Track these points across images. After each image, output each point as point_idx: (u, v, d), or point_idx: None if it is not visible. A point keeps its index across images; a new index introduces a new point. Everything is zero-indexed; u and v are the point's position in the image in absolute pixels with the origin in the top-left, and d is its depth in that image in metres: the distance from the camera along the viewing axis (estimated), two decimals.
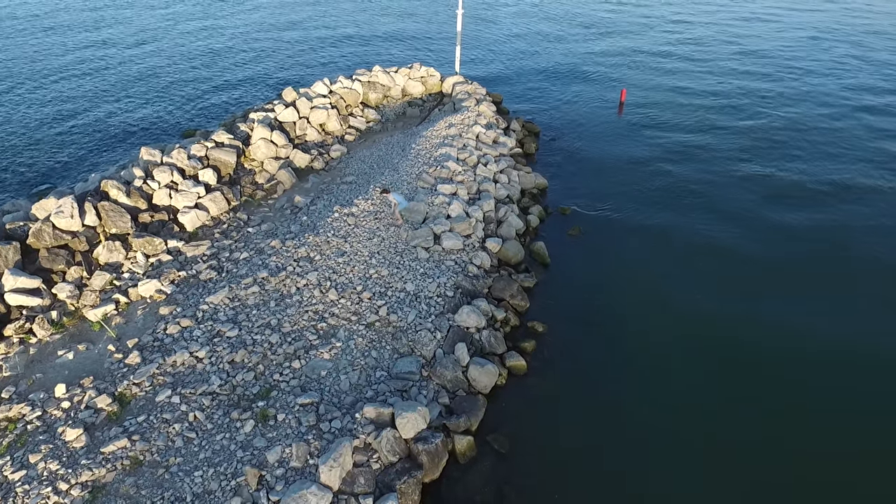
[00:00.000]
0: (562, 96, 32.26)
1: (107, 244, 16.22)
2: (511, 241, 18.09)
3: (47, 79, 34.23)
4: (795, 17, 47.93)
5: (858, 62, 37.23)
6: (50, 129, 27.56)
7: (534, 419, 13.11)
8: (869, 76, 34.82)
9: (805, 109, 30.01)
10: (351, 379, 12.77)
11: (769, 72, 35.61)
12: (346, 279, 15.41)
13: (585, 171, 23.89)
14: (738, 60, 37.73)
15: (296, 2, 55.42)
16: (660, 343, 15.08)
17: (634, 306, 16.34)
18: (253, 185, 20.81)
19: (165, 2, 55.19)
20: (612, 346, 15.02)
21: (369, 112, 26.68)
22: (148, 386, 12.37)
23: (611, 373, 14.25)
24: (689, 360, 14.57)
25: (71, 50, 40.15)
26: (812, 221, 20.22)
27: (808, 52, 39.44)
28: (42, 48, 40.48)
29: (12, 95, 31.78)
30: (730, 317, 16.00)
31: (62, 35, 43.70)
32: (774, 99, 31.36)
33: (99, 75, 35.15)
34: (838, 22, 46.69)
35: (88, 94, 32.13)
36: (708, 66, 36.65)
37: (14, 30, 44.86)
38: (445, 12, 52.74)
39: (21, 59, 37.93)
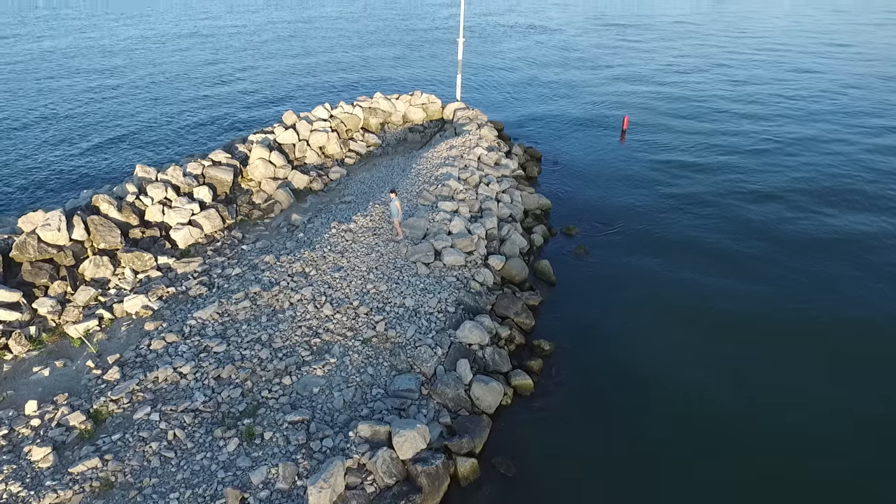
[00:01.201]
0: (563, 124, 32.24)
1: (94, 259, 15.57)
2: (515, 258, 17.43)
3: (55, 100, 34.38)
4: (793, 50, 48.69)
5: (856, 91, 37.43)
6: (50, 152, 27.36)
7: (541, 442, 12.13)
8: (871, 109, 34.91)
9: (806, 134, 29.88)
10: (345, 396, 11.87)
11: (767, 101, 35.75)
12: (342, 294, 14.67)
13: (589, 194, 23.46)
14: (737, 90, 37.97)
15: (299, 33, 56.70)
16: (672, 364, 14.22)
17: (644, 327, 15.55)
18: (249, 205, 20.32)
19: (173, 33, 56.43)
20: (623, 367, 14.14)
21: (370, 136, 26.50)
22: (126, 402, 11.47)
23: (621, 395, 13.34)
24: (703, 382, 13.67)
25: (78, 74, 40.58)
26: (820, 240, 19.60)
27: (808, 83, 39.75)
28: (53, 73, 40.94)
29: (12, 120, 31.79)
30: (736, 331, 15.24)
31: (72, 61, 44.35)
32: (775, 127, 31.29)
33: (102, 102, 35.33)
34: (835, 52, 47.39)
35: (89, 120, 32.16)
36: (708, 95, 36.84)
37: (27, 61, 45.56)
38: (446, 41, 53.80)
39: (29, 82, 38.28)
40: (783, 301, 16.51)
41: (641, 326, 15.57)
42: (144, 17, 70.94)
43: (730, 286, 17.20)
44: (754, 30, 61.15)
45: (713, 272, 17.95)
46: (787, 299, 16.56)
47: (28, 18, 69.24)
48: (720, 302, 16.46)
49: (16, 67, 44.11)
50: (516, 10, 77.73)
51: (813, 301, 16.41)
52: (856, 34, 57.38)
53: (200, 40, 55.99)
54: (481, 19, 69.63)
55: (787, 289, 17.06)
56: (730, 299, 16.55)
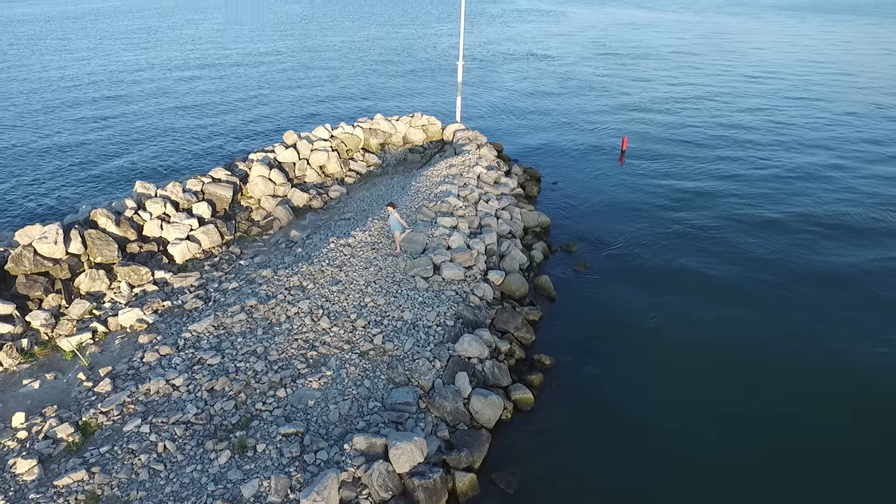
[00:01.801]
0: (563, 146, 32.47)
1: (90, 272, 15.44)
2: (514, 273, 17.29)
3: (60, 121, 34.73)
4: (791, 78, 49.36)
5: (855, 119, 37.79)
6: (53, 171, 27.50)
7: (543, 457, 11.79)
8: (875, 130, 35.19)
9: (805, 159, 30.03)
10: (341, 409, 11.58)
11: (764, 127, 36.07)
12: (339, 307, 14.48)
13: (589, 213, 23.44)
14: (734, 116, 38.35)
15: (303, 60, 57.65)
16: (675, 381, 13.93)
17: (646, 343, 15.31)
18: (248, 222, 20.27)
19: (179, 59, 57.41)
20: (625, 383, 13.86)
21: (370, 157, 26.64)
22: (116, 415, 11.19)
23: (623, 411, 13.03)
24: (705, 397, 13.37)
25: (84, 97, 41.11)
26: (820, 267, 19.36)
27: (807, 111, 40.18)
28: (59, 96, 41.48)
29: (17, 139, 32.06)
30: (737, 350, 14.99)
31: (78, 85, 44.99)
32: (773, 147, 31.49)
33: (106, 122, 35.69)
34: (836, 77, 48.02)
35: (91, 139, 32.44)
36: (706, 121, 37.19)
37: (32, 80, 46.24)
38: (447, 68, 54.62)
39: (37, 103, 38.74)
40: (781, 324, 16.25)
41: (643, 342, 15.33)
42: (151, 45, 72.37)
43: (729, 305, 16.96)
44: (752, 59, 62.21)
45: (713, 291, 17.73)
46: (785, 322, 16.26)
47: (38, 46, 70.61)
48: (721, 321, 16.21)
49: (24, 89, 44.77)
50: (515, 39, 79.22)
51: (811, 328, 16.09)
52: (856, 64, 58.30)
53: (205, 67, 56.94)
54: (481, 47, 70.92)
55: (785, 312, 16.77)
56: (729, 319, 16.28)
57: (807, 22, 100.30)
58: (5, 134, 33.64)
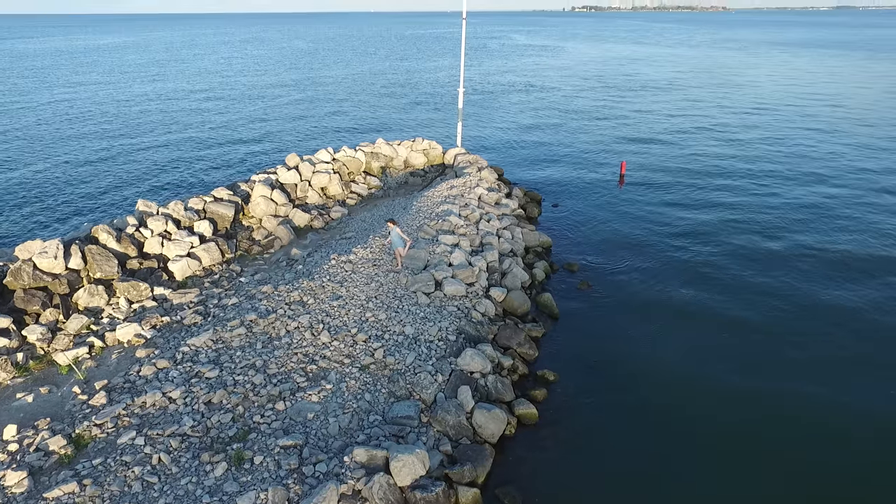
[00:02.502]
0: (562, 170, 32.75)
1: (89, 288, 15.32)
2: (516, 290, 17.16)
3: (66, 144, 35.10)
4: (788, 109, 50.10)
5: (858, 146, 38.18)
6: (58, 191, 27.65)
7: (548, 474, 11.44)
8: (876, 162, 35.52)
9: (803, 188, 30.21)
10: (341, 422, 11.31)
11: (761, 154, 36.41)
12: (340, 322, 14.32)
13: (591, 234, 23.43)
14: (732, 143, 38.77)
15: (307, 90, 58.71)
16: (681, 398, 13.62)
17: (652, 360, 15.04)
18: (249, 241, 20.25)
19: (187, 89, 58.42)
20: (630, 401, 13.55)
21: (371, 179, 26.82)
22: (111, 427, 10.92)
23: (629, 428, 12.69)
24: (712, 416, 13.05)
25: (92, 124, 41.66)
26: (809, 289, 19.19)
27: (805, 140, 40.63)
28: (69, 123, 42.05)
29: (24, 158, 32.33)
30: (739, 373, 14.72)
31: (88, 112, 45.66)
32: (770, 174, 31.71)
33: (113, 148, 36.08)
34: (832, 108, 48.72)
35: (99, 162, 32.72)
36: (704, 148, 37.58)
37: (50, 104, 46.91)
38: (448, 98, 55.51)
39: (47, 129, 39.23)
40: (784, 339, 16.06)
41: (648, 360, 15.06)
42: (159, 77, 73.85)
43: (729, 328, 16.65)
44: (748, 90, 63.31)
45: (716, 314, 17.42)
46: (785, 347, 16.04)
47: (48, 77, 72.09)
48: (723, 345, 15.86)
49: (33, 116, 45.46)
50: (514, 72, 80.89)
51: (812, 355, 15.83)
52: (850, 95, 59.27)
53: (211, 97, 57.99)
54: (482, 78, 72.36)
55: (783, 334, 16.54)
56: (730, 343, 15.91)
57: (800, 56, 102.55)
58: (13, 157, 33.99)
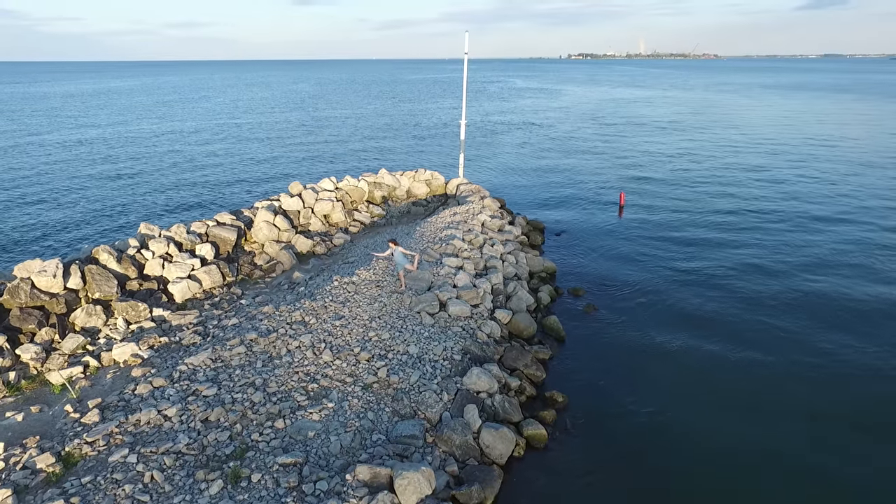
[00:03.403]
0: (563, 201, 32.89)
1: (86, 307, 15.03)
2: (522, 313, 16.85)
3: (74, 175, 35.32)
4: (784, 145, 50.77)
5: (851, 175, 38.47)
6: (64, 218, 27.64)
7: (558, 497, 10.88)
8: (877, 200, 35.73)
9: (803, 216, 30.26)
10: (343, 441, 10.83)
11: (759, 186, 36.64)
12: (342, 341, 13.96)
13: (595, 260, 23.26)
14: (730, 176, 39.07)
15: (312, 128, 59.64)
16: (691, 424, 13.12)
17: (662, 384, 14.60)
18: (251, 265, 20.05)
19: (194, 127, 59.35)
20: (641, 424, 13.05)
21: (374, 208, 26.83)
22: (102, 445, 10.45)
23: (640, 451, 12.16)
24: (722, 440, 12.54)
25: (101, 159, 42.08)
26: (807, 317, 18.86)
27: (801, 172, 40.99)
28: (79, 158, 42.48)
29: (31, 189, 32.45)
30: (751, 392, 14.30)
31: (98, 148, 46.21)
32: (768, 205, 31.80)
33: (120, 178, 36.30)
34: (825, 142, 49.35)
35: (104, 191, 32.85)
36: (702, 180, 37.84)
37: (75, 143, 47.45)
38: (450, 135, 56.31)
39: (58, 164, 39.56)
40: (792, 367, 15.65)
41: (658, 383, 14.60)
42: (167, 116, 75.27)
43: (739, 348, 16.34)
44: (743, 128, 64.33)
45: (724, 336, 17.11)
46: (797, 366, 15.64)
47: (57, 115, 73.48)
48: (734, 365, 15.51)
49: (42, 152, 46.00)
50: (514, 112, 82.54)
51: (825, 372, 15.46)
52: (841, 130, 60.22)
53: (218, 134, 58.90)
54: (483, 118, 73.72)
55: (795, 355, 16.20)
56: (742, 362, 15.57)
57: (792, 98, 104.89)
58: (23, 187, 34.17)
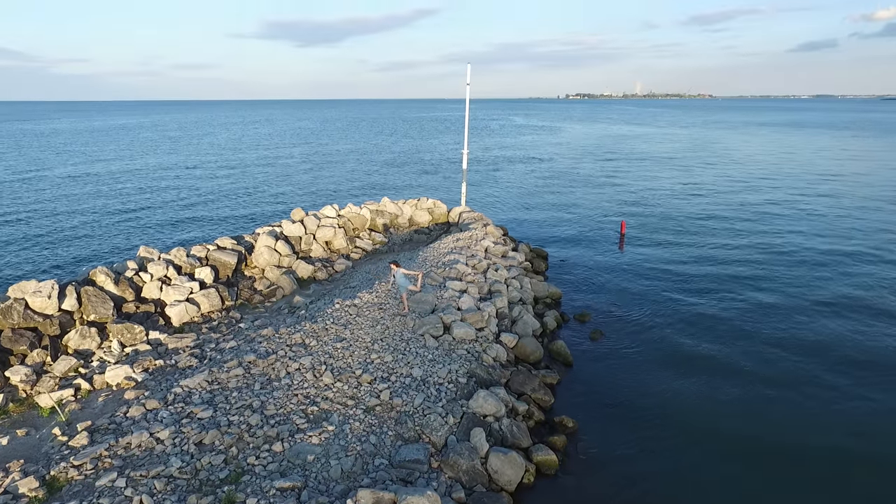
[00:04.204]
0: (565, 229, 32.75)
1: (80, 329, 14.62)
2: (528, 337, 16.39)
3: (79, 205, 35.28)
4: (783, 174, 51.05)
5: (850, 209, 38.46)
6: (68, 242, 27.40)
7: None
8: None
9: (803, 247, 30.04)
10: (343, 465, 10.28)
11: (758, 219, 36.58)
12: (343, 364, 13.50)
13: (599, 287, 22.88)
14: (728, 208, 39.06)
15: (315, 162, 60.12)
16: (706, 454, 12.53)
17: (674, 410, 14.05)
18: (251, 290, 19.69)
19: (201, 161, 59.81)
20: (655, 450, 12.48)
21: (376, 235, 26.64)
22: (90, 469, 9.90)
23: (656, 480, 11.57)
24: (735, 471, 11.93)
25: (109, 191, 42.18)
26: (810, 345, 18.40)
27: (800, 205, 41.03)
28: (84, 189, 42.58)
29: (36, 221, 32.34)
30: (760, 426, 13.74)
31: (106, 180, 46.42)
32: (767, 238, 31.63)
33: (124, 210, 36.26)
34: (824, 177, 49.57)
35: (107, 218, 32.72)
36: (702, 213, 37.81)
37: None
38: (451, 170, 56.66)
39: (67, 195, 39.60)
40: (802, 402, 15.14)
41: (671, 412, 14.02)
42: (173, 151, 76.14)
43: (747, 381, 15.78)
44: (742, 161, 64.85)
45: (732, 363, 16.62)
46: (806, 401, 15.16)
47: (65, 150, 74.35)
48: (743, 398, 14.92)
49: (49, 184, 46.21)
50: (515, 147, 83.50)
51: (831, 410, 14.90)
52: (839, 166, 60.68)
53: (223, 165, 59.40)
54: (484, 152, 74.49)
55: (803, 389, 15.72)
56: (751, 396, 14.97)
57: (789, 134, 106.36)
58: (27, 214, 34.11)
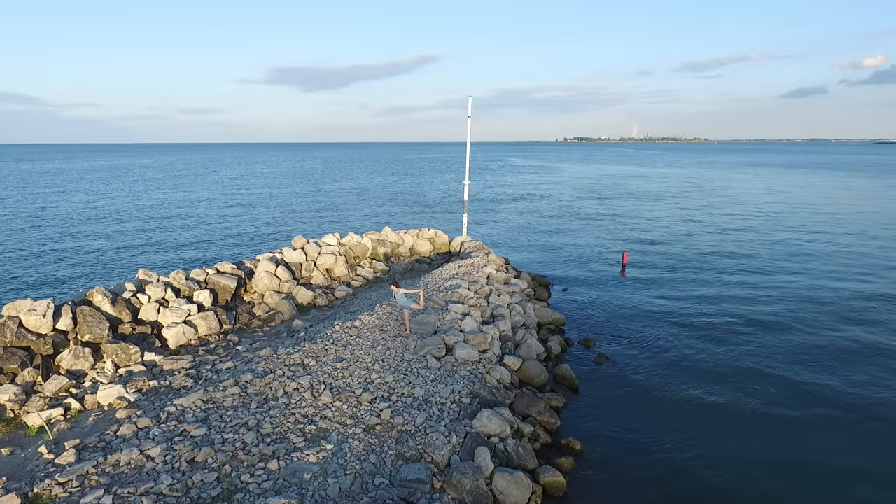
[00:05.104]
0: (567, 261, 32.62)
1: (74, 349, 14.27)
2: (532, 360, 16.00)
3: (83, 234, 35.22)
4: (781, 211, 51.27)
5: (847, 244, 38.45)
6: (71, 268, 27.18)
7: None
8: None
9: (800, 276, 29.87)
10: (342, 484, 9.79)
11: (757, 252, 36.53)
12: (343, 383, 13.10)
13: (603, 314, 22.56)
14: (728, 242, 39.06)
15: (318, 200, 60.52)
16: (718, 478, 12.05)
17: (683, 434, 13.57)
18: (250, 315, 19.38)
19: (206, 197, 60.22)
20: (666, 475, 11.97)
21: (377, 264, 26.47)
22: (75, 486, 9.42)
23: (666, 502, 11.05)
24: (747, 496, 11.44)
25: (116, 223, 42.22)
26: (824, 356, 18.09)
27: (798, 240, 41.06)
28: (89, 224, 42.64)
29: (40, 258, 32.20)
30: (772, 447, 13.25)
31: (113, 215, 46.56)
32: (771, 265, 31.48)
33: (127, 241, 36.20)
34: (821, 213, 49.80)
35: (109, 247, 32.61)
36: (702, 245, 37.78)
37: None
38: (452, 200, 56.97)
39: (77, 228, 39.62)
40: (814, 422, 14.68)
41: (681, 436, 13.52)
42: (178, 188, 76.87)
43: (749, 397, 15.43)
44: (740, 199, 65.32)
45: (740, 387, 16.23)
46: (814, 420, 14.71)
47: (70, 188, 75.04)
48: (749, 417, 14.54)
49: (54, 217, 46.39)
50: (514, 185, 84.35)
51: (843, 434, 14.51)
52: (836, 203, 61.09)
53: (227, 201, 59.80)
54: (484, 190, 75.19)
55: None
56: (753, 415, 14.62)
57: (786, 175, 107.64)
58: (29, 246, 34.05)
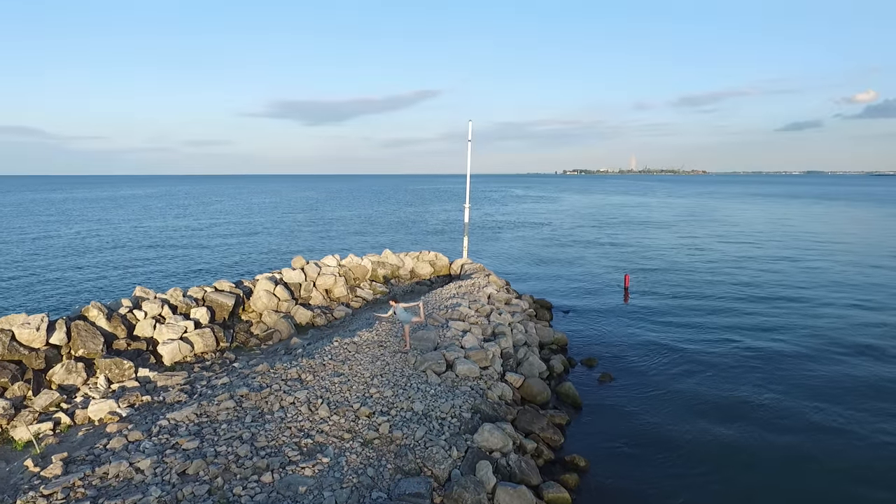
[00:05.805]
0: (568, 284, 32.41)
1: (66, 364, 13.98)
2: (534, 378, 15.67)
3: (83, 259, 35.10)
4: (780, 238, 51.28)
5: (845, 271, 38.29)
6: (70, 294, 26.98)
7: None
8: None
9: (800, 299, 29.64)
10: (338, 498, 9.41)
11: (755, 279, 36.35)
12: (340, 397, 12.77)
13: (604, 336, 22.24)
14: (729, 268, 38.91)
15: (320, 227, 60.65)
16: (722, 493, 11.64)
17: (689, 453, 13.17)
18: (247, 333, 19.09)
19: (206, 224, 60.33)
20: (670, 492, 11.56)
21: (377, 286, 26.28)
22: (61, 498, 9.05)
23: None
24: None
25: (121, 246, 42.17)
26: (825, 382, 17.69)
27: (799, 268, 40.92)
28: (93, 251, 42.58)
29: (41, 286, 32.04)
30: (778, 468, 12.84)
31: (108, 238, 46.53)
32: (773, 286, 31.27)
33: (128, 265, 36.07)
34: (817, 241, 49.77)
35: (110, 271, 32.44)
36: (704, 271, 37.63)
37: None
38: (452, 228, 57.02)
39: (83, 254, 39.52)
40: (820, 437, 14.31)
41: (685, 454, 13.16)
42: (181, 215, 77.15)
43: (751, 416, 15.08)
44: (740, 226, 65.44)
45: (740, 405, 15.85)
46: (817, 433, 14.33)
47: (73, 215, 75.33)
48: (751, 433, 14.18)
49: (55, 244, 46.37)
50: (515, 214, 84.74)
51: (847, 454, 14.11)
52: (836, 231, 61.18)
53: (230, 229, 59.91)
54: (484, 218, 75.45)
55: None
56: (754, 430, 14.26)
57: (786, 205, 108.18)
58: (31, 269, 33.93)
